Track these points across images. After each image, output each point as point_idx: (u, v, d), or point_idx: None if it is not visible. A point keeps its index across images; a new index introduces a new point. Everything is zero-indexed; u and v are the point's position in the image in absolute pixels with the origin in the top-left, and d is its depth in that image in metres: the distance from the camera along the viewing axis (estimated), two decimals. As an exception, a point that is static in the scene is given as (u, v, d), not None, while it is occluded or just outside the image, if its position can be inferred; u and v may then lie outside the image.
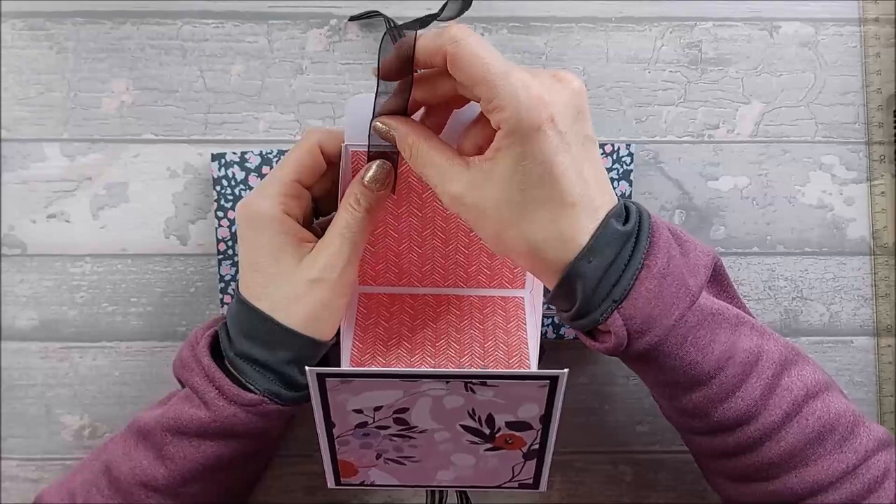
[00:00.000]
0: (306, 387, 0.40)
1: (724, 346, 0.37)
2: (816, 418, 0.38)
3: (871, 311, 0.52)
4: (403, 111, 0.38)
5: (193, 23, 0.50)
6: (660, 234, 0.36)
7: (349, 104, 0.38)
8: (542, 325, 0.49)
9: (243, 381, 0.39)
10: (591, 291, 0.35)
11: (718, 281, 0.41)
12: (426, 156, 0.36)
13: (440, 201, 0.39)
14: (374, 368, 0.42)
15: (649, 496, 0.52)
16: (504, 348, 0.45)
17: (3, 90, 0.50)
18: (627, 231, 0.35)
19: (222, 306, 0.49)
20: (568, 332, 0.49)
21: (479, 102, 0.35)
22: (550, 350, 0.51)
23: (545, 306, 0.39)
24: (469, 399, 0.36)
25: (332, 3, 0.50)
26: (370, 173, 0.39)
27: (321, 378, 0.35)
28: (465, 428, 0.38)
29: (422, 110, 0.39)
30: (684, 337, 0.36)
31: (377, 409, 0.37)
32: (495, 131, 0.34)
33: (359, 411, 0.37)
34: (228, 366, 0.40)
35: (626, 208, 0.36)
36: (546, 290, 0.38)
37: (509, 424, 0.37)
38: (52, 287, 0.50)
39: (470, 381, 0.36)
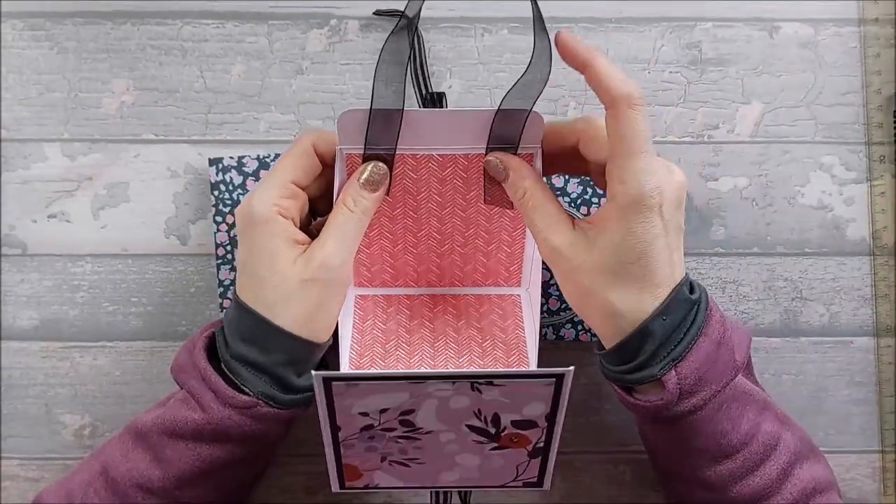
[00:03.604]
0: (302, 390, 0.40)
1: (750, 423, 0.40)
2: None
3: (870, 312, 0.52)
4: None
5: (193, 23, 0.50)
6: (715, 308, 0.39)
7: (340, 116, 0.38)
8: (542, 326, 0.49)
9: (238, 383, 0.39)
10: (656, 347, 0.37)
11: (747, 362, 0.43)
12: (539, 202, 0.39)
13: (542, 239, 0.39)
14: (379, 371, 0.42)
15: (649, 496, 0.53)
16: (503, 347, 0.45)
17: (4, 90, 0.50)
18: (694, 299, 0.38)
19: (222, 310, 0.49)
20: (567, 334, 0.49)
21: (611, 160, 0.37)
22: (550, 351, 0.51)
23: (602, 362, 0.41)
24: (475, 399, 0.36)
25: (332, 3, 0.50)
26: (365, 175, 0.39)
27: (327, 382, 0.35)
28: (471, 428, 0.38)
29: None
30: (721, 405, 0.39)
31: (383, 411, 0.37)
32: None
33: (364, 414, 0.37)
34: (224, 368, 0.39)
35: (691, 282, 0.39)
36: (599, 345, 0.40)
37: (515, 423, 0.38)
38: (52, 287, 0.51)
39: (476, 381, 0.36)
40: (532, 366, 0.43)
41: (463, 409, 0.37)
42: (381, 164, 0.40)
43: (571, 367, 0.36)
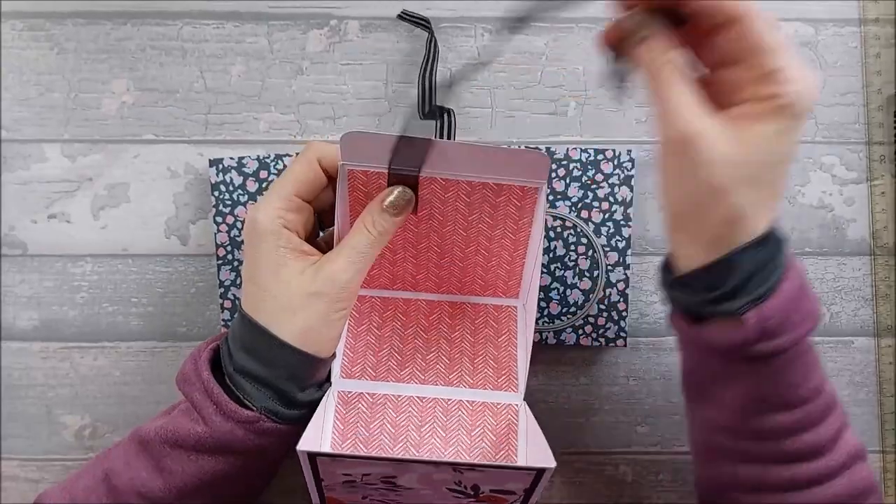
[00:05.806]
0: (305, 405, 0.40)
1: (817, 380, 0.39)
2: (861, 478, 0.39)
3: (871, 312, 0.52)
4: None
5: (193, 23, 0.50)
6: (794, 258, 0.37)
7: (342, 138, 0.38)
8: (543, 331, 0.49)
9: (241, 397, 0.39)
10: (743, 281, 0.35)
11: None
12: (676, 79, 0.34)
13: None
14: (363, 453, 0.41)
15: (649, 496, 0.52)
16: (493, 365, 0.45)
17: (4, 91, 0.50)
18: (784, 240, 0.36)
19: (222, 311, 0.49)
20: (568, 338, 0.49)
21: (742, 65, 0.33)
22: (551, 352, 0.51)
23: (664, 286, 0.38)
24: (456, 475, 0.36)
25: (332, 3, 0.50)
26: (391, 198, 0.39)
27: (312, 457, 0.35)
28: (451, 490, 0.38)
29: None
30: (796, 357, 0.37)
31: (366, 475, 0.37)
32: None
33: (348, 475, 0.37)
34: (228, 381, 0.39)
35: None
36: (665, 269, 0.38)
37: (494, 490, 0.38)
38: (52, 287, 0.50)
39: (459, 467, 0.36)
40: (521, 386, 0.44)
41: (444, 480, 0.37)
42: (408, 190, 0.39)
43: (554, 464, 0.35)
